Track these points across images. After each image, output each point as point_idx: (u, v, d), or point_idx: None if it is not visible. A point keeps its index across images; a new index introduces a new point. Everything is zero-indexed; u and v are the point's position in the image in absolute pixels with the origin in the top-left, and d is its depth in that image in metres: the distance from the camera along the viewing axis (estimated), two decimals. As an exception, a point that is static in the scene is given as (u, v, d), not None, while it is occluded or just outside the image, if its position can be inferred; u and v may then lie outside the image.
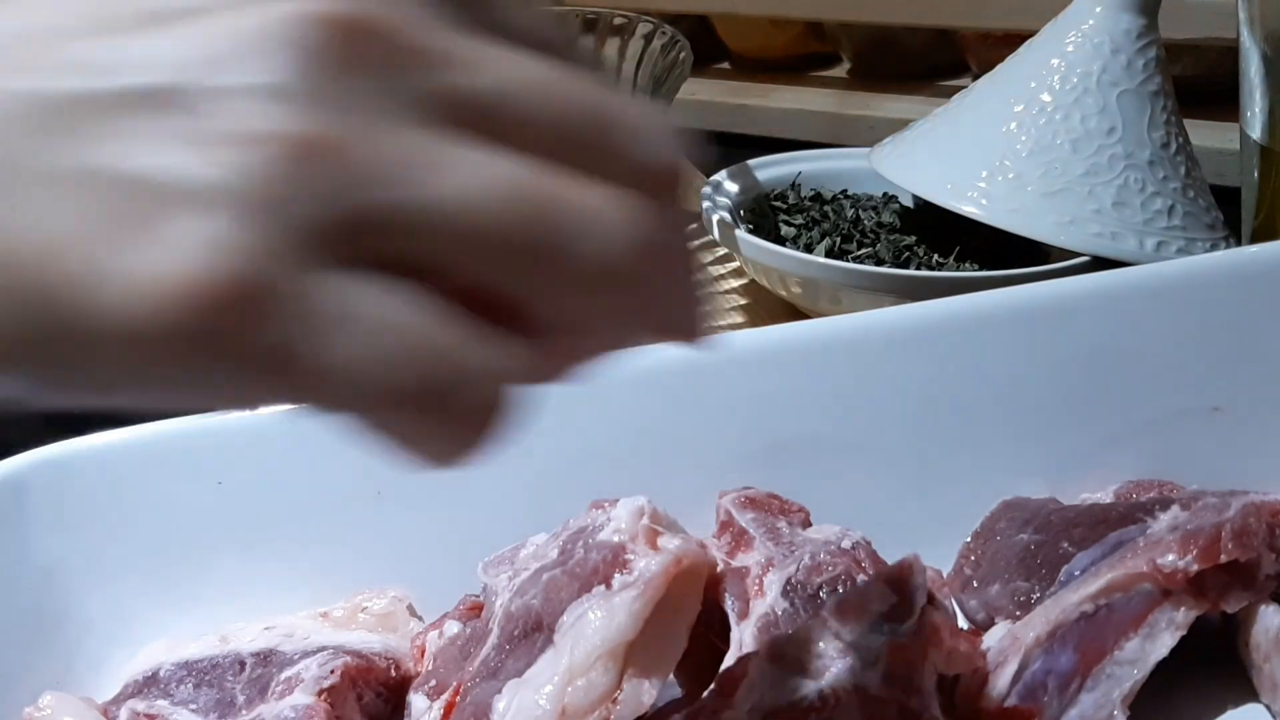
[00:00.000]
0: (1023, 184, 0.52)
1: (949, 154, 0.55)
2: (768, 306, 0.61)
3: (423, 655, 0.37)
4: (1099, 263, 0.52)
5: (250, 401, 0.20)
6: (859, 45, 0.88)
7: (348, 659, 0.35)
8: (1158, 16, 0.54)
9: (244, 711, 0.35)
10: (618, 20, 0.62)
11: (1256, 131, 0.44)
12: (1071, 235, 0.51)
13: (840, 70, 0.92)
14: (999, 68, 0.58)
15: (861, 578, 0.32)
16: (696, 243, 0.60)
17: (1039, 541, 0.35)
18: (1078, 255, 0.53)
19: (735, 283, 0.64)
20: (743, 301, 0.62)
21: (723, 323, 0.60)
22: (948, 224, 0.60)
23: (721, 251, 0.66)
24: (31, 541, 0.40)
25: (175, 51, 0.18)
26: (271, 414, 0.41)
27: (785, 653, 0.28)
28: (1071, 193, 0.51)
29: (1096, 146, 0.52)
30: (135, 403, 0.19)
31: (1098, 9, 0.54)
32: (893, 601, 0.29)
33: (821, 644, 0.28)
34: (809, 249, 0.58)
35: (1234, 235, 0.52)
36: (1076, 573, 0.33)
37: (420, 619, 0.40)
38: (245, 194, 0.17)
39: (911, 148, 0.58)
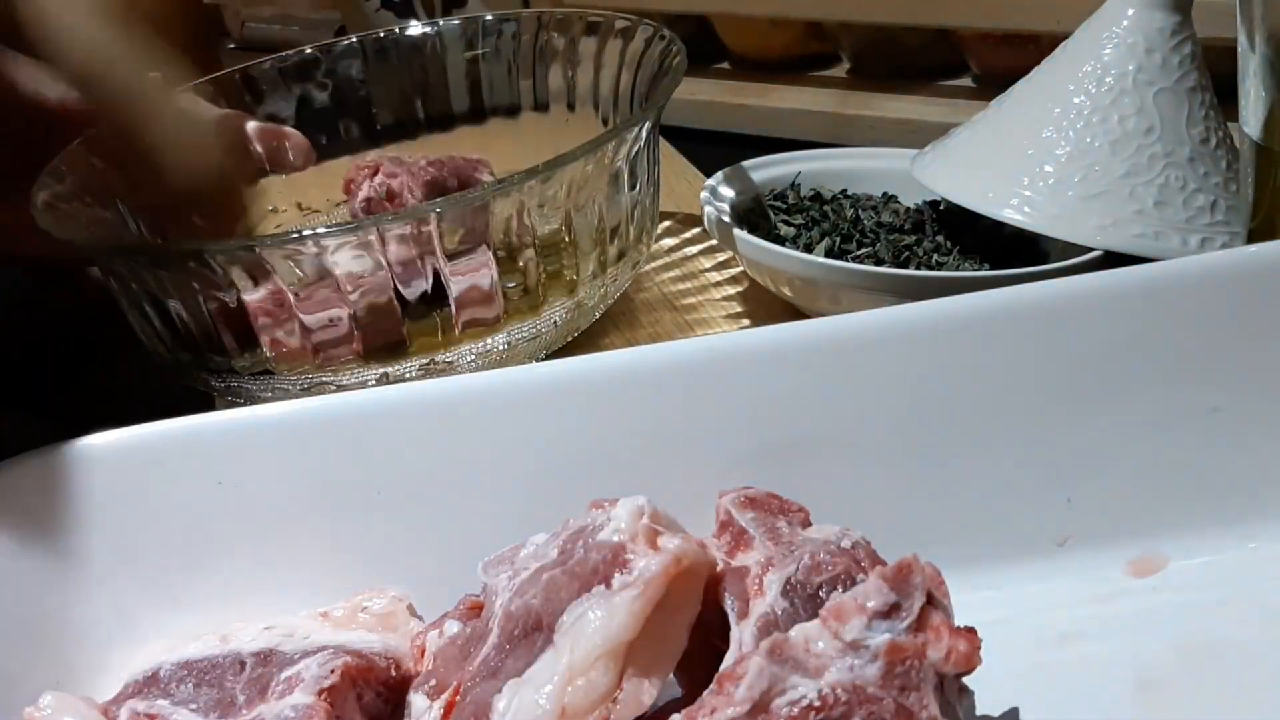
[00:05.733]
0: (1063, 188, 0.52)
1: (988, 162, 0.55)
2: (767, 306, 0.61)
3: (423, 655, 0.37)
4: (1100, 262, 0.52)
5: None
6: (859, 45, 0.89)
7: (348, 659, 0.35)
8: (1191, 13, 0.54)
9: (244, 711, 0.35)
10: (620, 24, 0.63)
11: (1255, 131, 0.44)
12: (1114, 237, 0.51)
13: (840, 70, 0.92)
14: (1034, 72, 0.58)
15: (861, 577, 0.32)
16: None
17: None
18: (1080, 255, 0.53)
19: (735, 287, 0.64)
20: (742, 302, 0.62)
21: (721, 324, 0.60)
22: (948, 223, 0.60)
23: (724, 256, 0.66)
24: (31, 541, 0.40)
25: None
26: (271, 413, 0.42)
27: (784, 652, 0.28)
28: (1113, 194, 0.51)
29: (1136, 147, 0.52)
30: None
31: (1130, 10, 0.54)
32: (892, 601, 0.29)
33: (821, 643, 0.28)
34: (808, 249, 0.58)
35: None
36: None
37: (420, 619, 0.40)
38: None
39: (951, 156, 0.58)
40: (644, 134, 0.54)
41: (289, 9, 1.13)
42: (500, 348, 0.52)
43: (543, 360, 0.50)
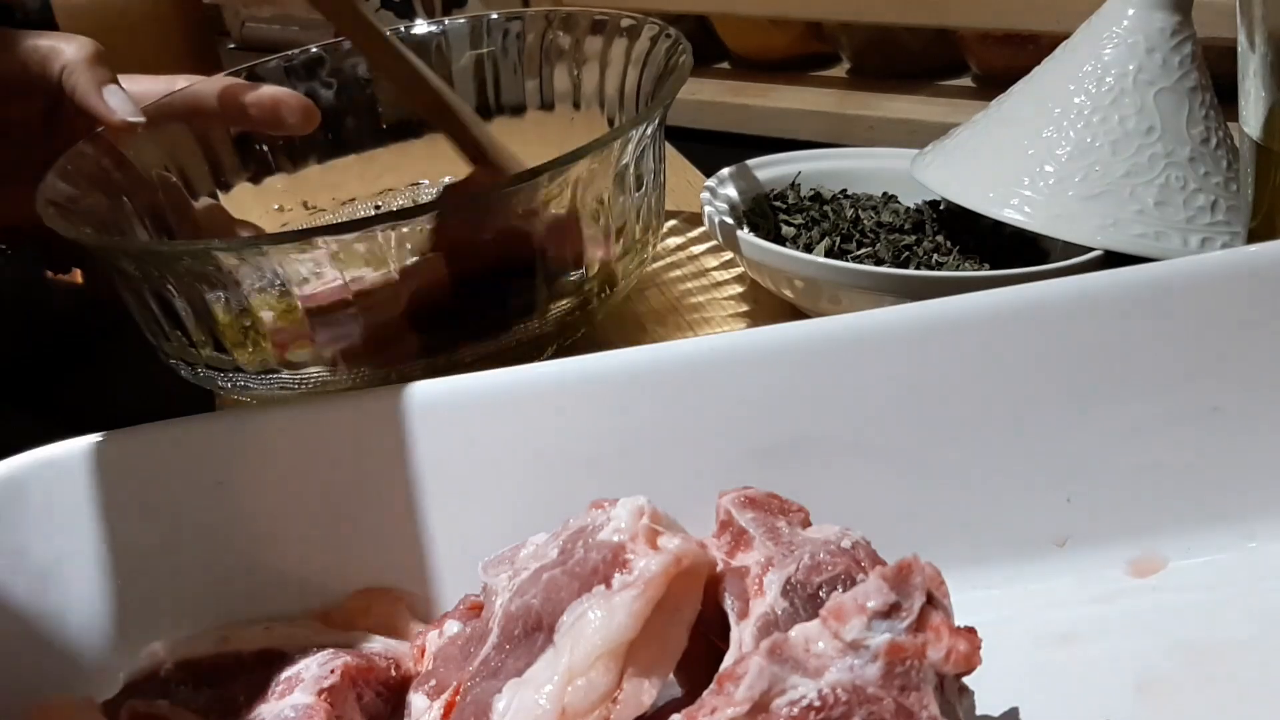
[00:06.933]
0: (1064, 189, 0.52)
1: (989, 162, 0.55)
2: (768, 306, 0.61)
3: (423, 655, 0.37)
4: (1100, 262, 0.52)
5: None
6: (859, 45, 0.89)
7: (348, 659, 0.35)
8: (1191, 13, 0.54)
9: (244, 711, 0.35)
10: (625, 22, 0.63)
11: (1255, 131, 0.44)
12: (1114, 237, 0.51)
13: (840, 70, 0.92)
14: (1034, 72, 0.58)
15: (861, 577, 0.32)
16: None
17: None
18: (1080, 255, 0.53)
19: (736, 287, 0.64)
20: (744, 304, 0.62)
21: (723, 325, 0.60)
22: (948, 223, 0.60)
23: (725, 255, 0.66)
24: (31, 541, 0.40)
25: None
26: (271, 413, 0.42)
27: (784, 652, 0.28)
28: (1113, 194, 0.51)
29: (1136, 146, 0.52)
30: None
31: (1130, 10, 0.54)
32: (892, 601, 0.29)
33: (821, 643, 0.28)
34: (809, 249, 0.58)
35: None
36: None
37: (420, 619, 0.40)
38: None
39: (951, 156, 0.58)
40: (649, 132, 0.54)
41: (289, 9, 1.13)
42: (509, 345, 0.52)
43: (546, 359, 0.50)
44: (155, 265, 0.48)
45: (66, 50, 0.55)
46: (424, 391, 0.41)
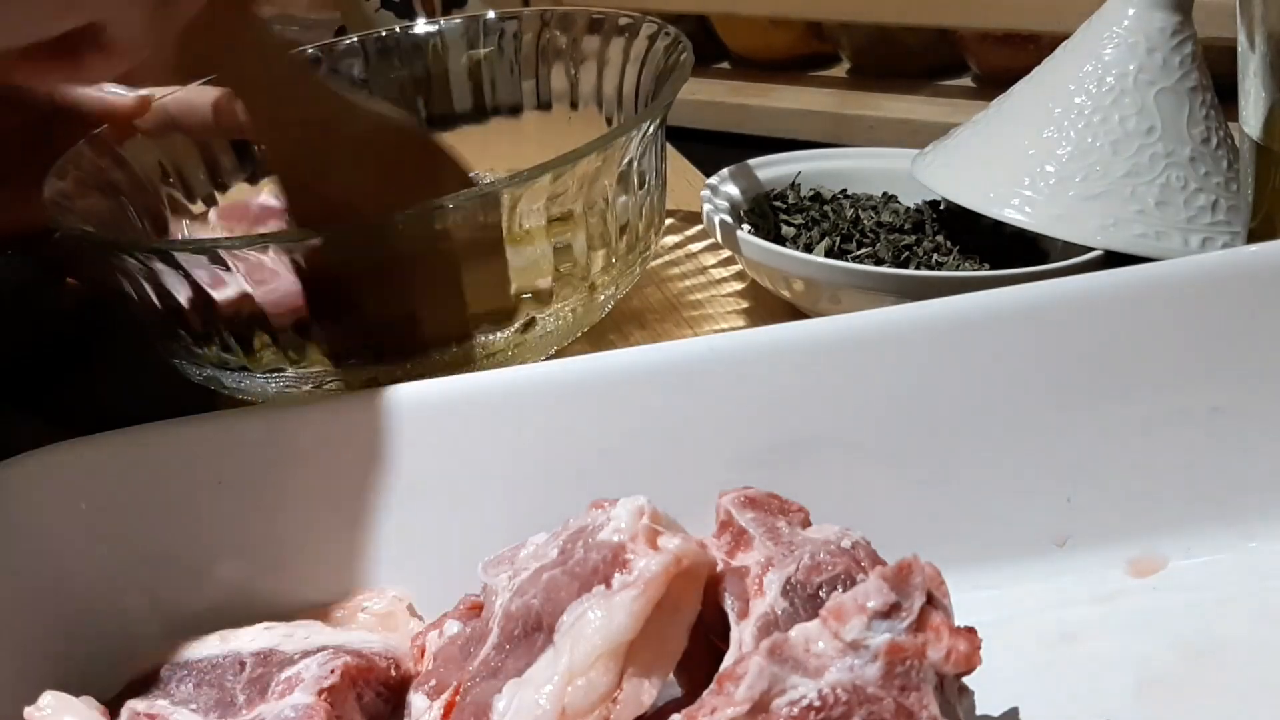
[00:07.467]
0: (1064, 189, 0.52)
1: (989, 161, 0.55)
2: (768, 306, 0.61)
3: (423, 655, 0.37)
4: (1100, 262, 0.52)
5: None
6: (859, 45, 0.89)
7: (348, 659, 0.35)
8: (1191, 13, 0.54)
9: (244, 711, 0.35)
10: (623, 21, 0.63)
11: (1255, 131, 0.44)
12: (1115, 237, 0.51)
13: (840, 70, 0.92)
14: (1035, 72, 0.58)
15: (861, 577, 0.32)
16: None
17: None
18: (1080, 255, 0.53)
19: (735, 286, 0.64)
20: (743, 302, 0.62)
21: (722, 323, 0.60)
22: (948, 223, 0.60)
23: (724, 255, 0.66)
24: (31, 541, 0.40)
25: None
26: (271, 413, 0.42)
27: (784, 652, 0.28)
28: (1114, 194, 0.51)
29: (1137, 146, 0.52)
30: None
31: (1131, 10, 0.54)
32: (892, 601, 0.29)
33: (821, 643, 0.28)
34: (809, 249, 0.58)
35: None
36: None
37: (420, 619, 0.40)
38: None
39: (952, 156, 0.58)
40: (652, 131, 0.54)
41: (289, 9, 1.13)
42: (512, 344, 0.51)
43: (548, 359, 0.50)
44: (160, 263, 0.48)
45: None
46: (424, 391, 0.41)
